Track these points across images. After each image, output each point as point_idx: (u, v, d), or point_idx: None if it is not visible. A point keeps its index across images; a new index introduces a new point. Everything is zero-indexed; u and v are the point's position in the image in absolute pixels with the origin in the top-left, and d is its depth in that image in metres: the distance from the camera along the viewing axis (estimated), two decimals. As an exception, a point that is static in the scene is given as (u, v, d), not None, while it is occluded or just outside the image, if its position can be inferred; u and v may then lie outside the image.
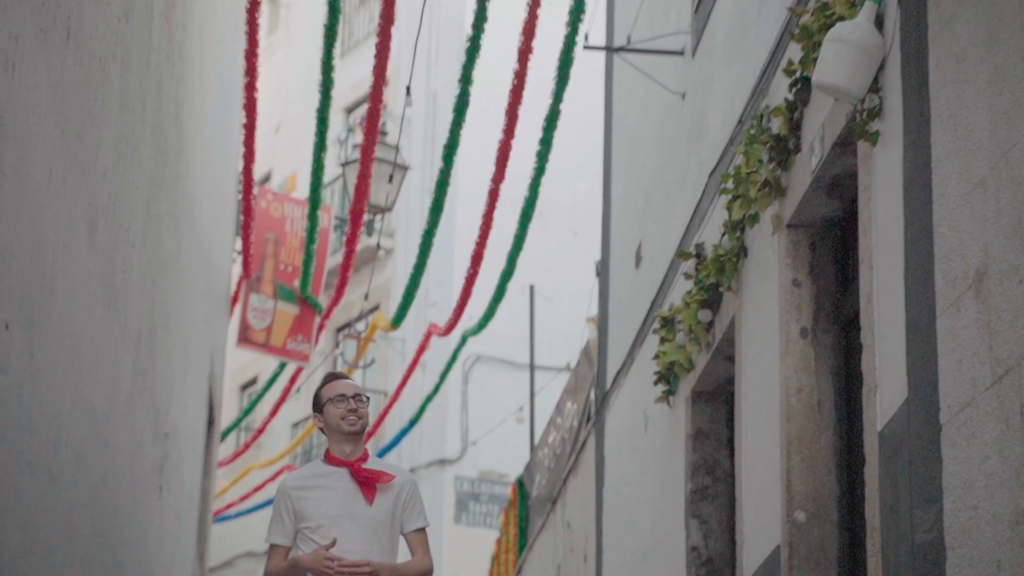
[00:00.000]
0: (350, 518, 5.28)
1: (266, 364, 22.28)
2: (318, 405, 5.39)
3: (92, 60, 4.98)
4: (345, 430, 5.33)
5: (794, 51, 6.87)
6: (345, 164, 14.27)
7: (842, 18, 6.14)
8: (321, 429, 5.44)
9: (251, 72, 9.38)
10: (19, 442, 4.04)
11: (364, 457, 5.40)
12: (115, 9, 5.48)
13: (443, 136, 10.05)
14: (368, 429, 5.54)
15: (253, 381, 24.32)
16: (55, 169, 4.40)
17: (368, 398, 5.44)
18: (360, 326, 19.19)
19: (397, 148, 12.47)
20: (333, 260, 17.26)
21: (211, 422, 12.42)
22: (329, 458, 5.41)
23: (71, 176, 4.66)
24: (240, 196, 12.51)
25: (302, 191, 19.90)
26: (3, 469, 3.83)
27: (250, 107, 9.83)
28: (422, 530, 5.42)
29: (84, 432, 5.21)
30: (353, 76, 21.49)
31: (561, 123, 9.37)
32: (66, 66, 4.51)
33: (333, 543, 5.20)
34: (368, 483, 5.31)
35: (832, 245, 7.10)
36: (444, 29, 22.26)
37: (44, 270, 4.27)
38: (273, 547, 5.34)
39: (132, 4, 5.93)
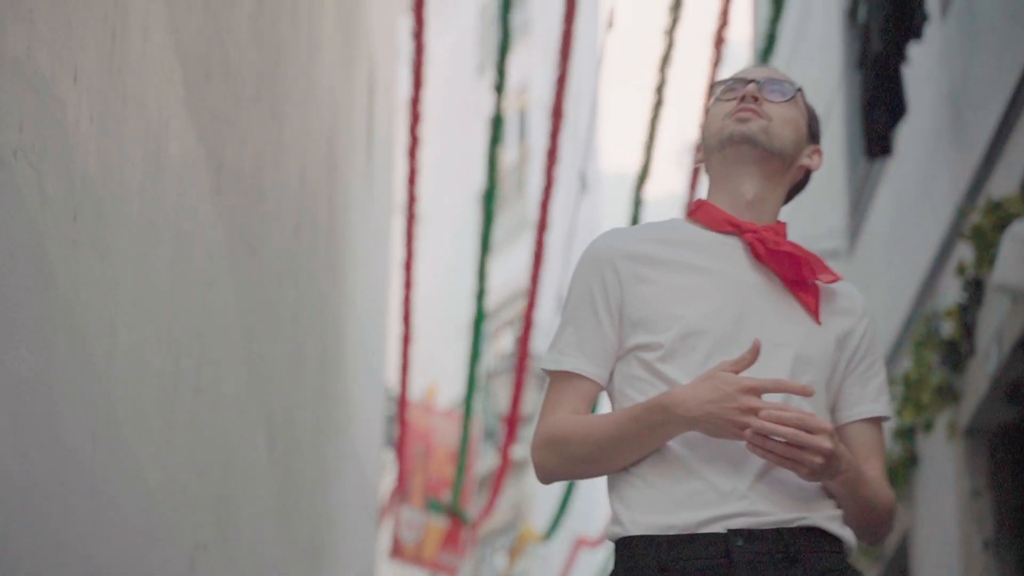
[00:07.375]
0: (752, 340, 2.40)
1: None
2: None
3: (270, 275, 5.01)
4: (727, 131, 2.55)
5: (962, 251, 6.73)
6: (491, 375, 14.26)
7: (1017, 216, 6.00)
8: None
9: (407, 283, 9.43)
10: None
11: (780, 228, 2.61)
12: (288, 225, 5.54)
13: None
14: (784, 151, 2.61)
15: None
16: (240, 386, 4.39)
17: (804, 104, 2.66)
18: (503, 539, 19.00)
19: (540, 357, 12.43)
20: (479, 469, 17.18)
21: (366, 639, 12.24)
22: (703, 212, 2.59)
23: (255, 393, 4.65)
24: (394, 410, 12.52)
25: (440, 401, 19.93)
26: None
27: (406, 318, 9.86)
28: (878, 424, 2.59)
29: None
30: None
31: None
32: (251, 282, 4.54)
33: (755, 352, 2.36)
34: (798, 276, 2.56)
35: (1012, 452, 6.84)
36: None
37: (233, 488, 4.22)
38: (560, 379, 2.48)
39: (302, 219, 5.99)
